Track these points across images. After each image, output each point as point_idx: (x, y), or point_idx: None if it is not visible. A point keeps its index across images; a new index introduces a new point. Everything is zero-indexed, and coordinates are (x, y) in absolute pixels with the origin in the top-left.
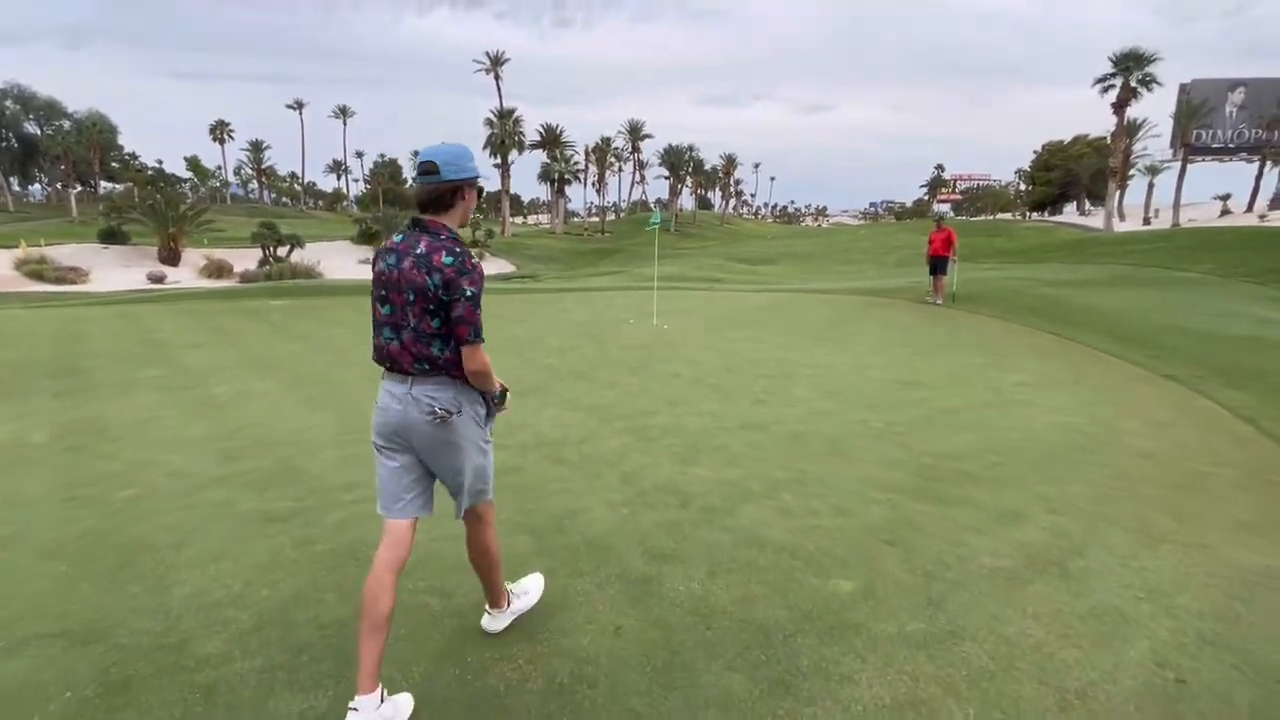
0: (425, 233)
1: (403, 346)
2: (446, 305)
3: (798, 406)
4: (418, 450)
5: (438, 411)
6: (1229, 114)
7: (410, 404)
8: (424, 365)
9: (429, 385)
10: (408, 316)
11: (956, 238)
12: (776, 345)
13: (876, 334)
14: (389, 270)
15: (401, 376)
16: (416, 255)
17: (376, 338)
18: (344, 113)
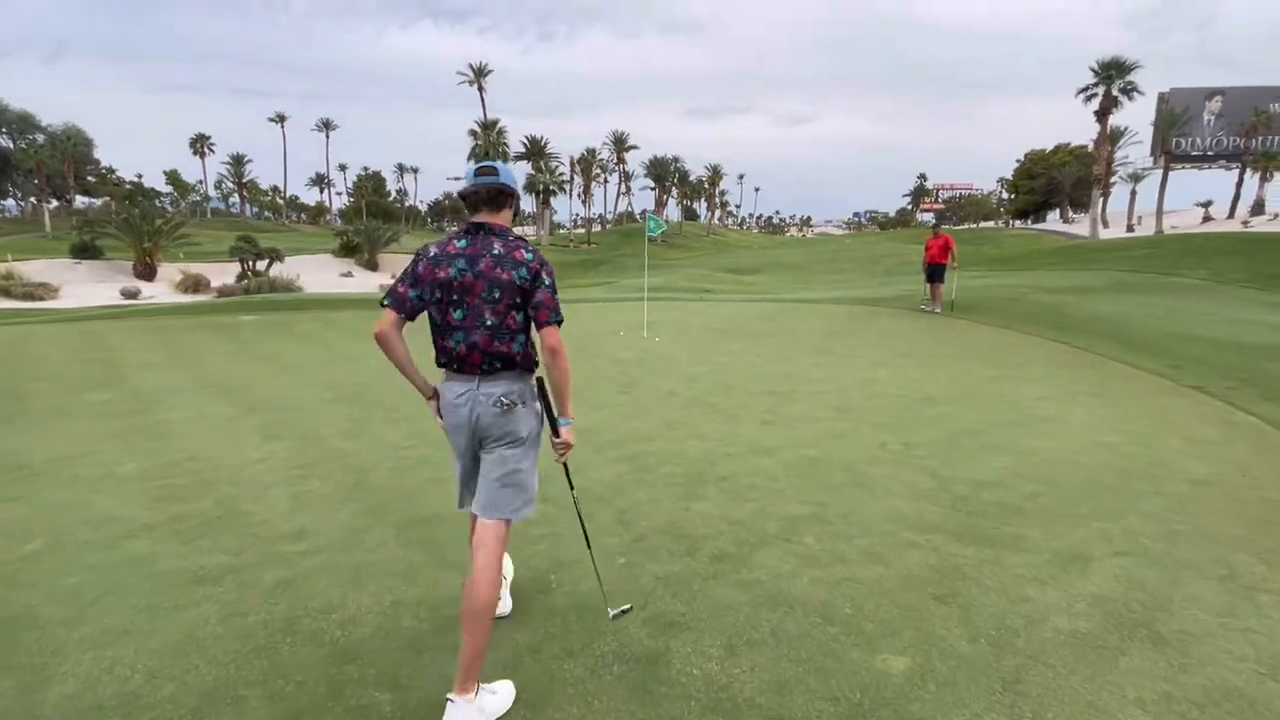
0: (493, 235)
1: (472, 347)
2: (529, 295)
3: (807, 427)
4: (482, 443)
5: (503, 401)
6: (1207, 122)
7: (478, 401)
8: (497, 363)
9: (493, 381)
10: (485, 316)
11: (955, 245)
12: (776, 358)
13: (878, 345)
14: (460, 275)
15: (468, 377)
16: (495, 255)
17: (444, 340)
18: (327, 126)
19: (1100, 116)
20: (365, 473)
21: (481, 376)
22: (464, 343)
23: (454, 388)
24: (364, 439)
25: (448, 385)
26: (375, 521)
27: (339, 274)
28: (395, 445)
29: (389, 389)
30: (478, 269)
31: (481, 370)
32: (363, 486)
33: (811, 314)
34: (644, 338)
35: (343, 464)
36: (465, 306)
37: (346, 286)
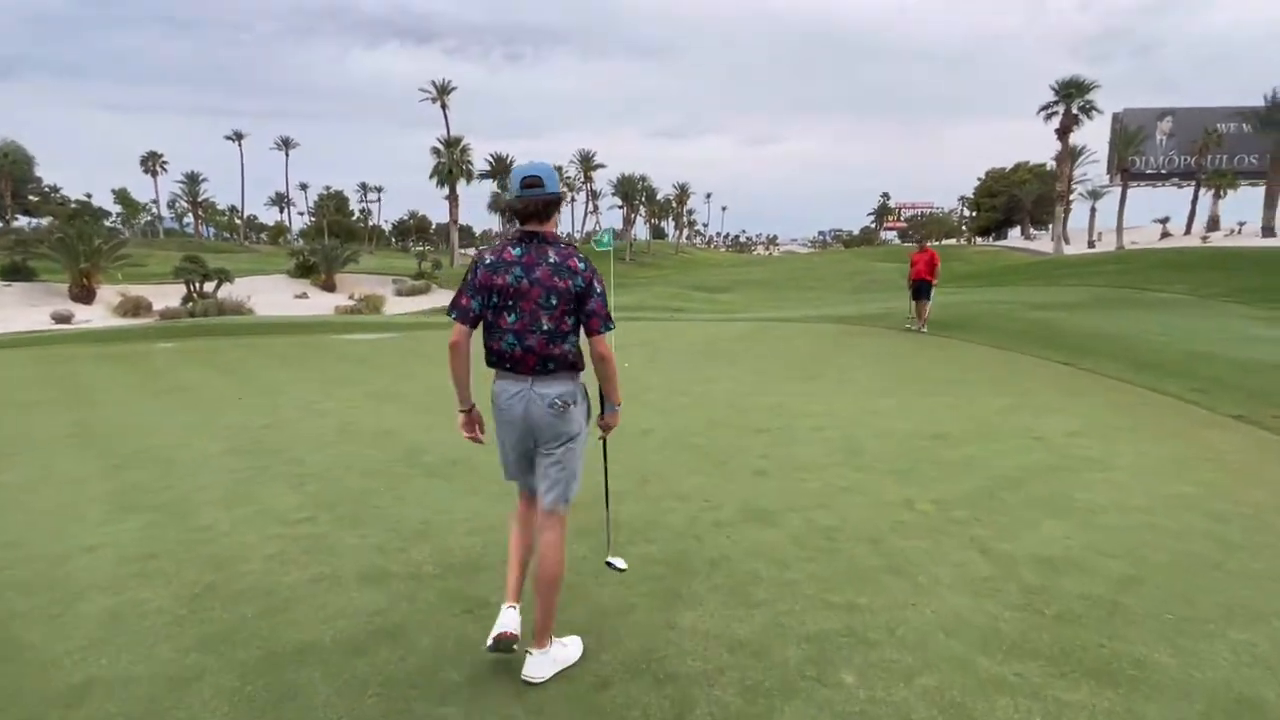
0: (547, 244)
1: (526, 350)
2: (582, 302)
3: (812, 477)
4: (535, 439)
5: (558, 402)
6: (1159, 141)
7: (532, 399)
8: (550, 364)
9: (546, 382)
10: (540, 320)
11: (940, 261)
12: (763, 386)
13: (871, 369)
14: (517, 282)
15: (518, 377)
16: (551, 264)
17: (496, 343)
18: (286, 144)
19: (1061, 134)
20: (227, 567)
21: (535, 377)
22: (519, 345)
23: (507, 387)
24: (245, 508)
25: (500, 384)
26: (211, 663)
27: (293, 295)
28: (284, 518)
29: (298, 433)
30: (534, 276)
31: (535, 371)
32: (214, 593)
33: (792, 334)
34: None
35: (201, 552)
36: (519, 311)
37: (300, 308)
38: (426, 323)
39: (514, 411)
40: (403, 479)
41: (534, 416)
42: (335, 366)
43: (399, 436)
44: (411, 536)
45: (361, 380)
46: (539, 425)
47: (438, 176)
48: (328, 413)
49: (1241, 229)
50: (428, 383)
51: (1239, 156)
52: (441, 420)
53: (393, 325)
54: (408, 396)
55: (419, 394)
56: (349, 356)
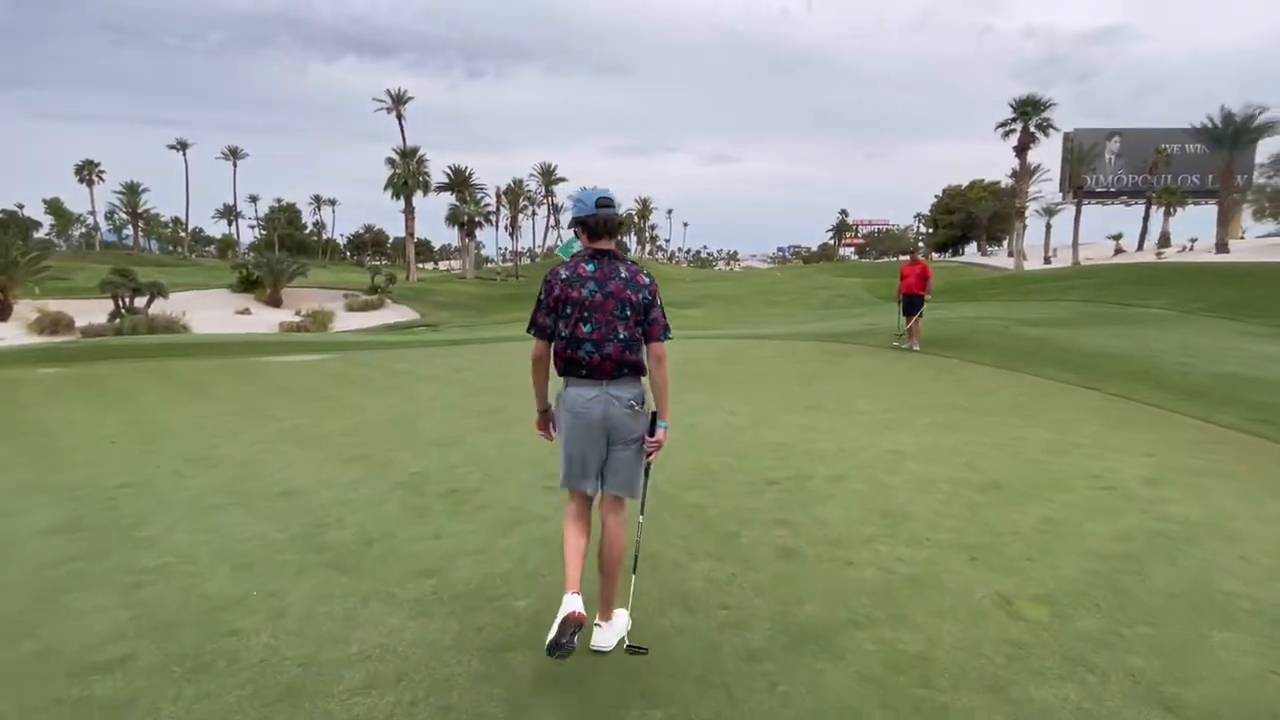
0: (617, 260)
1: (605, 357)
2: (647, 313)
3: (857, 558)
4: (611, 437)
5: (633, 403)
6: (1109, 161)
7: (609, 401)
8: (624, 370)
9: (621, 385)
10: (616, 330)
11: (933, 274)
12: (759, 417)
13: (874, 393)
14: (592, 295)
15: (595, 381)
16: (623, 279)
17: (574, 352)
18: (234, 154)
19: (1019, 151)
20: None
21: (610, 381)
22: (597, 353)
23: (584, 391)
24: (25, 644)
25: (576, 390)
26: None
27: (234, 311)
28: (79, 660)
29: (166, 496)
30: (607, 290)
31: (611, 376)
32: None
33: (775, 353)
34: None
35: None
36: (594, 322)
37: (240, 325)
38: (371, 341)
39: (593, 414)
40: (290, 579)
41: (612, 417)
42: (253, 396)
43: (304, 500)
44: (276, 700)
45: (279, 414)
46: (616, 424)
47: (393, 188)
48: (221, 462)
49: (1194, 245)
50: (358, 417)
51: (1182, 176)
52: (368, 474)
53: (332, 345)
54: (330, 438)
55: (344, 433)
56: (273, 383)
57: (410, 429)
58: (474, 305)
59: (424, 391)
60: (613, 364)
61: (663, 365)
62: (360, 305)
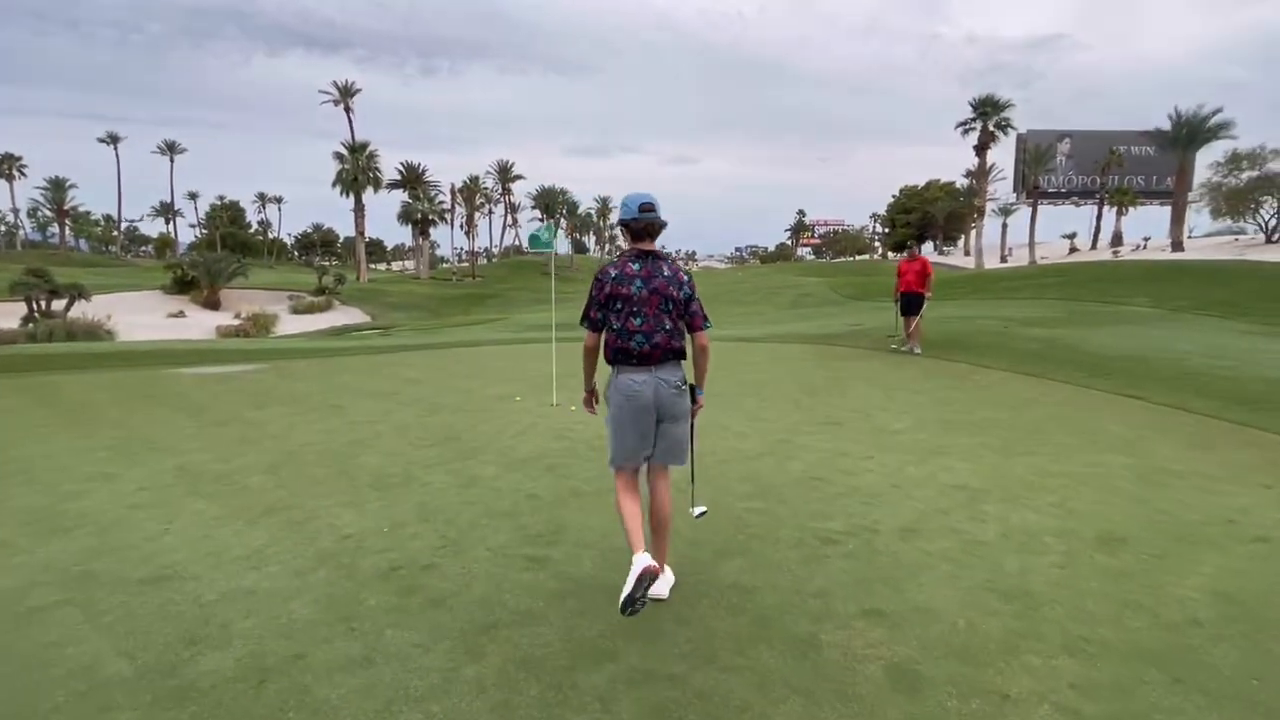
0: (660, 260)
1: (654, 346)
2: (687, 306)
3: (1005, 681)
4: (660, 415)
5: (679, 385)
6: (1060, 162)
7: (658, 384)
8: (670, 355)
9: (667, 369)
10: (663, 322)
11: (933, 270)
12: (772, 436)
13: (894, 405)
14: (640, 291)
15: (644, 368)
16: (665, 276)
17: (625, 343)
18: (171, 149)
19: (979, 150)
20: None
21: (656, 366)
22: (647, 343)
23: (635, 376)
24: None
25: (627, 376)
26: None
27: (167, 314)
28: None
29: None
30: (653, 286)
31: (659, 362)
32: None
33: (764, 357)
34: (554, 407)
35: None
36: (643, 315)
37: (174, 330)
38: (310, 348)
39: (644, 396)
40: None
41: (662, 397)
42: (149, 421)
43: (175, 593)
44: None
45: (178, 446)
46: (665, 403)
47: (342, 184)
48: (77, 523)
49: (1147, 244)
50: (280, 448)
51: (1129, 177)
52: (281, 539)
53: (263, 353)
54: (238, 481)
55: (259, 473)
56: (181, 403)
57: (345, 465)
58: (429, 306)
59: (367, 411)
60: (660, 352)
61: (706, 351)
62: (306, 307)
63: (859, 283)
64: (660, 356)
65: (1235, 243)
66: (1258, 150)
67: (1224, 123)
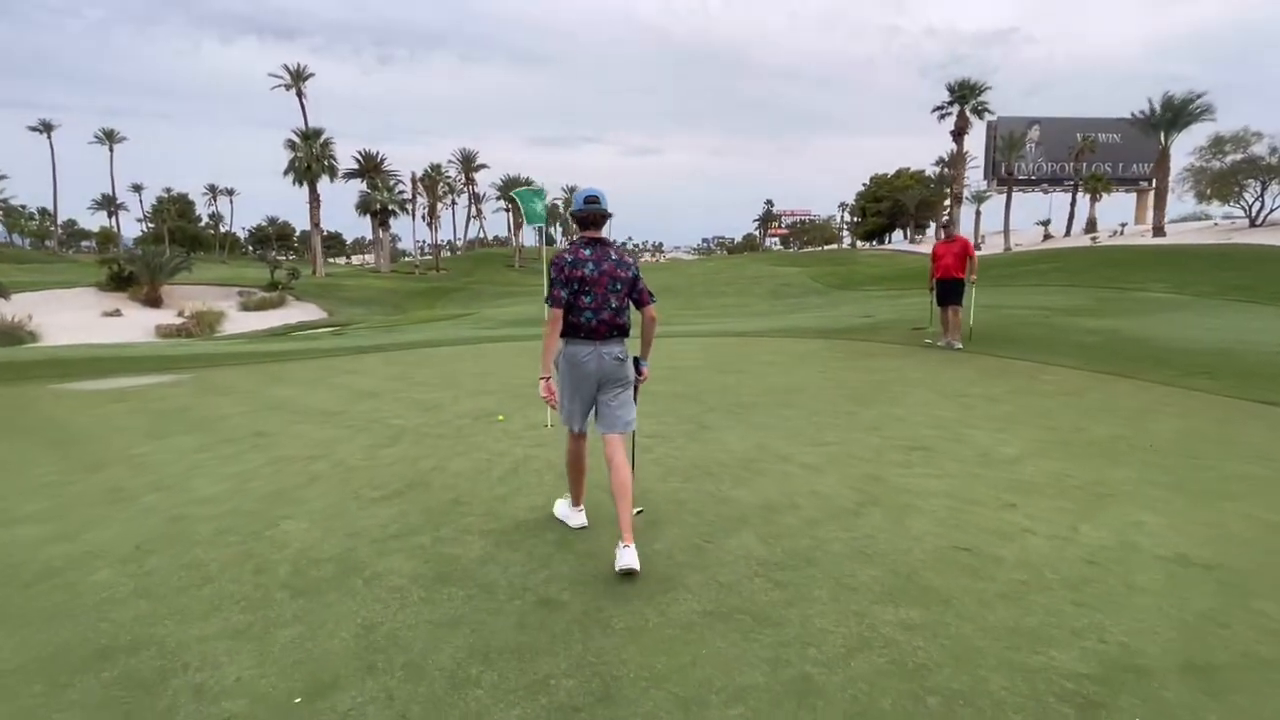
0: (607, 246)
1: (600, 321)
2: (634, 285)
3: None
4: (602, 383)
5: (620, 357)
6: (1029, 149)
7: (601, 357)
8: (614, 331)
9: (611, 344)
10: (610, 300)
11: (975, 251)
12: (851, 469)
13: (974, 419)
14: (591, 273)
15: (591, 341)
16: (614, 260)
17: (577, 318)
18: (109, 138)
19: (956, 135)
20: None
21: (601, 341)
22: (595, 319)
23: (582, 349)
24: None
25: (576, 347)
26: None
27: (101, 313)
28: None
29: None
30: (603, 269)
31: (604, 336)
32: None
33: (780, 355)
34: (548, 429)
35: None
36: (593, 294)
37: (107, 330)
38: (246, 353)
39: (589, 366)
40: None
41: (605, 368)
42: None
43: None
44: None
45: (8, 510)
46: (607, 374)
47: (294, 173)
48: None
49: (1124, 230)
50: (164, 509)
51: (1096, 164)
52: None
53: (188, 360)
54: (58, 580)
55: (111, 561)
56: (53, 431)
57: (253, 545)
58: (390, 301)
59: (303, 441)
60: (606, 327)
61: (655, 322)
62: (257, 304)
63: (839, 272)
64: (606, 332)
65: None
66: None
67: (1207, 106)
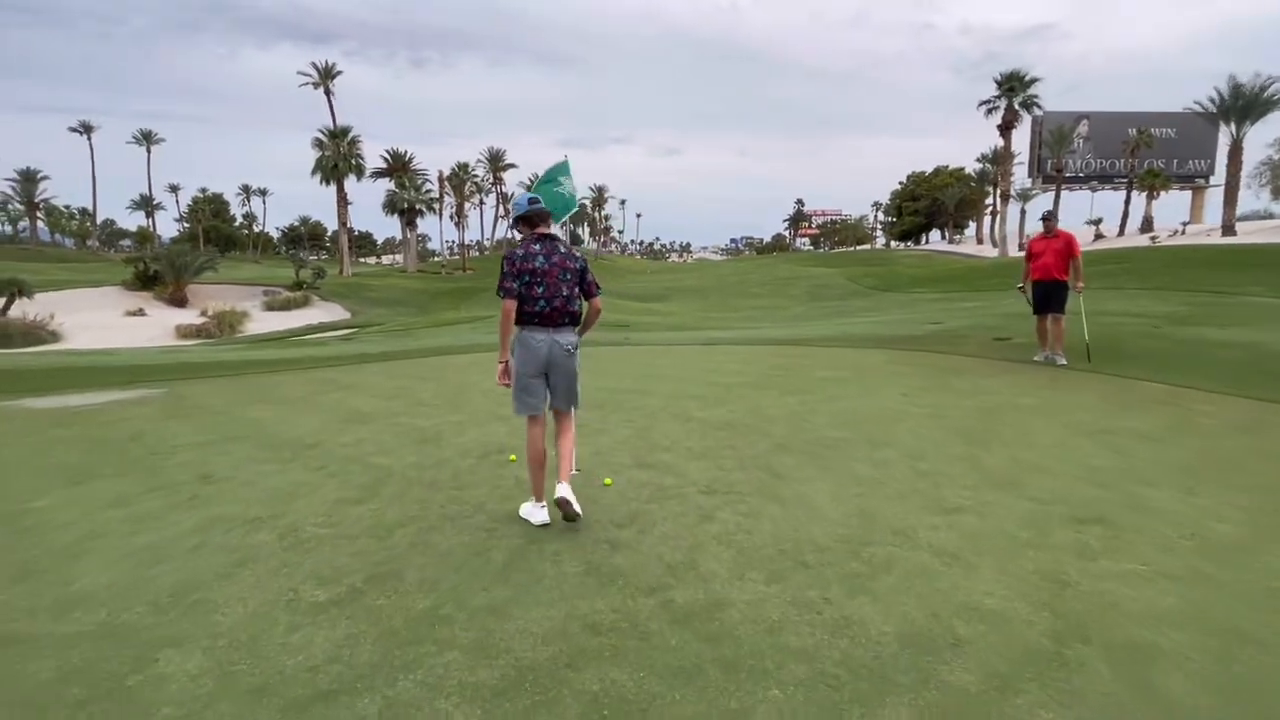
0: (556, 240)
1: (553, 310)
2: (583, 276)
3: None
4: (551, 372)
5: (570, 348)
6: (1077, 145)
7: (552, 345)
8: (566, 319)
9: (564, 332)
10: (560, 289)
11: (1080, 248)
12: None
13: (1132, 465)
14: (543, 265)
15: (545, 328)
16: (563, 253)
17: (531, 307)
18: (147, 139)
19: (1004, 130)
20: None
21: (554, 328)
22: (548, 306)
23: (536, 335)
24: None
25: (530, 333)
26: None
27: (124, 312)
28: None
29: None
30: (552, 261)
31: (557, 324)
32: None
33: (842, 371)
34: (606, 486)
35: None
36: (545, 284)
37: (128, 329)
38: (234, 361)
39: (542, 351)
40: None
41: (555, 356)
42: None
43: None
44: None
45: None
46: (557, 362)
47: (322, 172)
48: None
49: (1185, 229)
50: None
51: (1149, 160)
52: None
53: (165, 370)
54: None
55: None
56: None
57: (103, 712)
58: (414, 302)
59: (256, 489)
60: (558, 314)
61: (599, 312)
62: (281, 304)
63: (878, 273)
64: (559, 318)
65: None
66: None
67: None
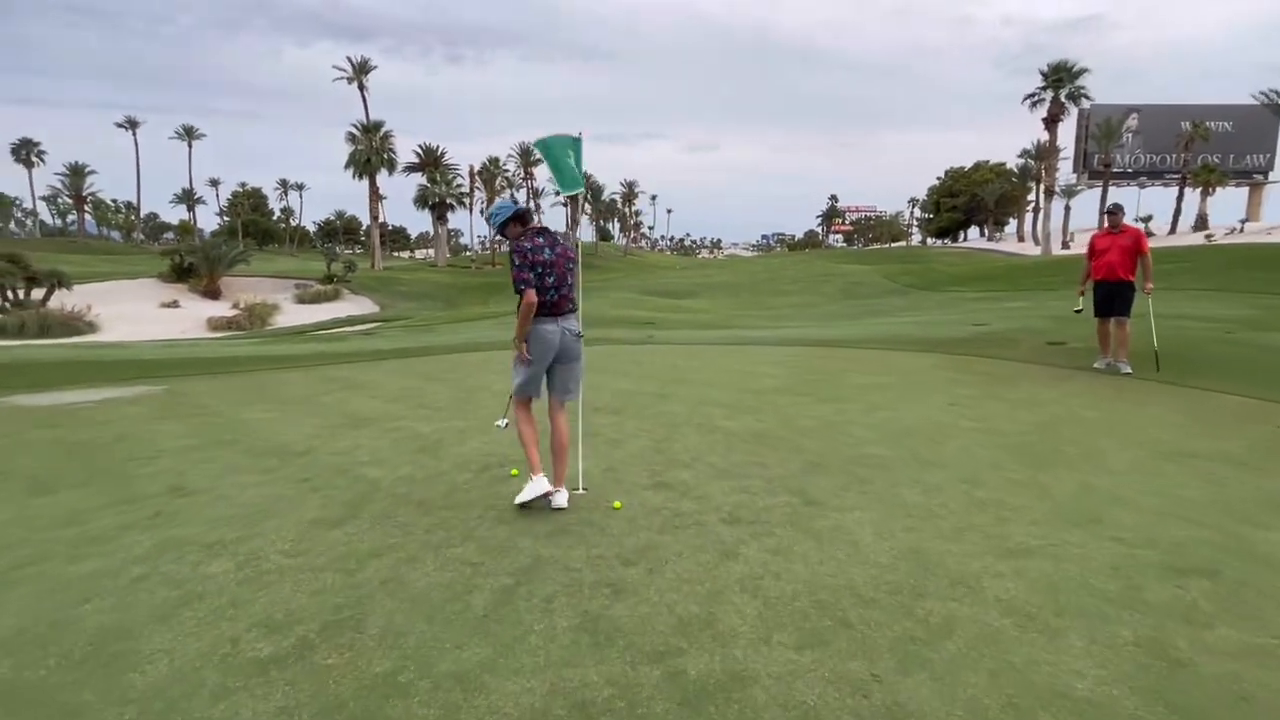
0: (554, 234)
1: (561, 298)
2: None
3: None
4: (560, 358)
5: (579, 333)
6: (1126, 139)
7: (563, 331)
8: (570, 306)
9: (569, 319)
10: (567, 278)
11: (1148, 245)
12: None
13: (1231, 499)
14: (550, 256)
15: (554, 317)
16: (562, 244)
17: (544, 297)
18: (189, 134)
19: (1049, 123)
20: None
21: (562, 316)
22: (557, 295)
23: (547, 325)
24: None
25: (541, 324)
26: None
27: (159, 304)
28: None
29: None
30: (556, 252)
31: (565, 312)
32: None
33: (887, 375)
34: (614, 512)
35: None
36: (555, 274)
37: (163, 320)
38: (240, 357)
39: (554, 339)
40: None
41: (566, 342)
42: None
43: None
44: None
45: None
46: (567, 347)
47: (354, 166)
48: None
49: (1244, 227)
50: None
51: (1201, 155)
52: None
53: (171, 365)
54: None
55: None
56: None
57: None
58: (442, 295)
59: (228, 507)
60: (566, 302)
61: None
62: (312, 296)
63: (915, 271)
64: (566, 306)
65: None
66: None
67: None
